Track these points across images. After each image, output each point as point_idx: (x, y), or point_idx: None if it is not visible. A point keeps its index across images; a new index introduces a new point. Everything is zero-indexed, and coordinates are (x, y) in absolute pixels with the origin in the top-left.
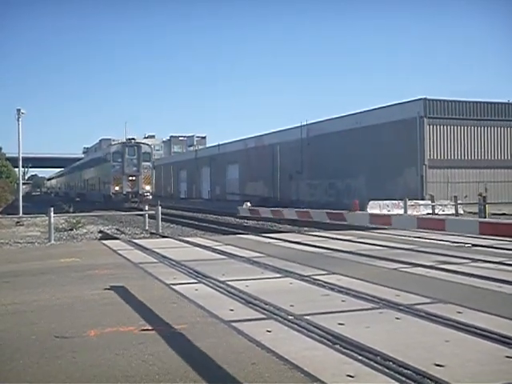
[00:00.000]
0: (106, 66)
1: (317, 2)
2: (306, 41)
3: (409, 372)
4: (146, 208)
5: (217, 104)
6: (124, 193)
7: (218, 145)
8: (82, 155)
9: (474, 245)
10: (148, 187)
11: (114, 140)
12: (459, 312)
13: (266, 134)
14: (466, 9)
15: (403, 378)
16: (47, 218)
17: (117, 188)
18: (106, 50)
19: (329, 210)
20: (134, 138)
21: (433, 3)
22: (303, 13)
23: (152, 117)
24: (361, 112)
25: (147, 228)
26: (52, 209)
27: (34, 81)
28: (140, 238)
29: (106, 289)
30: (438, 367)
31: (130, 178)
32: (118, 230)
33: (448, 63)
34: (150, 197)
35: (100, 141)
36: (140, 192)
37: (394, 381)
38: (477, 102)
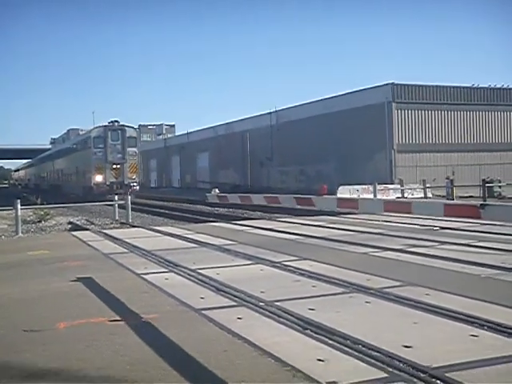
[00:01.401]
0: (72, 56)
1: None
2: (277, 30)
3: (378, 354)
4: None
5: (185, 92)
6: (107, 183)
7: (188, 133)
8: (50, 146)
9: (442, 228)
10: (135, 176)
11: (82, 130)
12: (427, 294)
13: (235, 121)
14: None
15: (372, 361)
16: (14, 210)
17: (99, 178)
18: (74, 39)
19: (297, 195)
20: (117, 121)
21: None
22: (273, 3)
23: (120, 106)
24: (330, 98)
25: (117, 218)
26: (19, 201)
27: None
28: (110, 229)
29: (75, 280)
30: (406, 348)
31: (114, 167)
32: (87, 220)
33: (418, 49)
34: (138, 187)
35: (68, 131)
36: (126, 182)
37: (363, 363)
38: (443, 87)
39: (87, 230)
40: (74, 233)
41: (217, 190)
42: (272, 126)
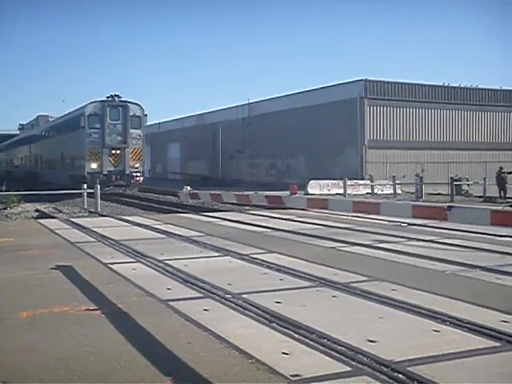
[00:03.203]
0: (43, 42)
1: None
2: (253, 24)
3: (343, 349)
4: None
5: (157, 81)
6: (104, 173)
7: (159, 123)
8: (17, 132)
9: (409, 224)
10: (138, 165)
11: (51, 117)
12: (393, 289)
13: (207, 113)
14: None
15: (337, 355)
16: None
17: (94, 166)
18: (47, 25)
19: (268, 194)
20: (118, 95)
21: None
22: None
23: (90, 94)
24: (302, 92)
25: (86, 207)
26: None
27: None
28: (78, 217)
29: (40, 269)
30: (370, 343)
31: (114, 152)
32: (55, 208)
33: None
34: (141, 178)
35: (37, 117)
36: (127, 172)
37: (327, 357)
38: (415, 84)
39: (54, 218)
40: (41, 221)
41: (188, 188)
42: (244, 118)
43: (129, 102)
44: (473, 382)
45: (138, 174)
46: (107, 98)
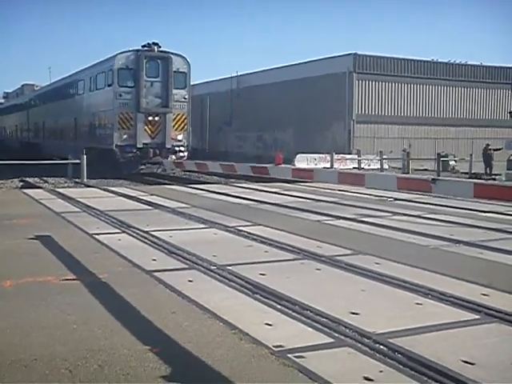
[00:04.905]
0: (28, 7)
1: None
2: None
3: (325, 320)
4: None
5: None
6: (139, 146)
7: None
8: (2, 100)
9: (395, 199)
10: (181, 136)
11: (37, 86)
12: (377, 263)
13: (195, 84)
14: None
15: (320, 326)
16: None
17: (125, 137)
18: None
19: (253, 164)
20: (157, 43)
21: None
22: None
23: (77, 63)
24: (291, 65)
25: (72, 177)
26: None
27: None
28: (64, 188)
29: (24, 239)
30: (353, 315)
31: (151, 119)
32: (41, 179)
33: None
34: (186, 154)
35: (22, 86)
36: (168, 145)
37: (310, 329)
38: (404, 60)
39: (40, 188)
40: (26, 190)
41: (173, 157)
42: (232, 90)
43: (171, 53)
44: (452, 353)
45: (182, 149)
46: (142, 46)
